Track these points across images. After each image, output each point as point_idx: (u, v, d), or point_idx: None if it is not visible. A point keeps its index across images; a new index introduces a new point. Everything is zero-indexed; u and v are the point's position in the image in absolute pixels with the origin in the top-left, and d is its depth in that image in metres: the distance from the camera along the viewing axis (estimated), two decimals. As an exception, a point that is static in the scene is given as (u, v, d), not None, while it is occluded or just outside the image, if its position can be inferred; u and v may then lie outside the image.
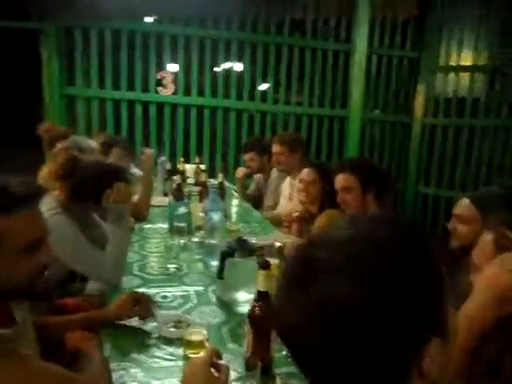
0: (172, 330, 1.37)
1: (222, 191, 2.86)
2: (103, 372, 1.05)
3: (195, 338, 1.26)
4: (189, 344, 1.25)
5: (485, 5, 4.58)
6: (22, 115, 5.95)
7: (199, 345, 1.25)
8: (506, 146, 4.55)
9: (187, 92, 4.51)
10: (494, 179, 4.62)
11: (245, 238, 1.66)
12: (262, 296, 1.18)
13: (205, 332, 1.27)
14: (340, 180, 2.12)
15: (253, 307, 1.18)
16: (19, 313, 1.05)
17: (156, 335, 1.35)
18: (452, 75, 4.86)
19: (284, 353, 1.29)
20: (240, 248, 1.59)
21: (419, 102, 5.00)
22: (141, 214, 2.55)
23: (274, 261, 1.85)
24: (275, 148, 3.10)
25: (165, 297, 1.63)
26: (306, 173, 2.45)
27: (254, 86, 4.64)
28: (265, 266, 1.17)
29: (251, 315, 1.18)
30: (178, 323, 1.40)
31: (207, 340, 1.26)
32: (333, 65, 4.71)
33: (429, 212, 5.03)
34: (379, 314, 0.50)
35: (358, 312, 0.50)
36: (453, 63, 4.86)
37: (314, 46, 4.64)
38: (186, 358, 1.24)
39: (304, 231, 2.35)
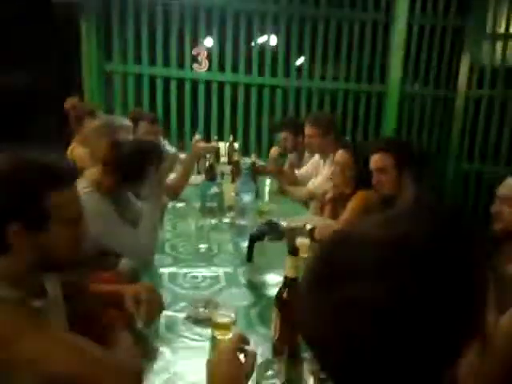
0: (201, 310, 1.38)
1: (254, 171, 2.82)
2: (131, 353, 1.08)
3: (223, 320, 1.26)
4: (216, 326, 1.27)
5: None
6: (61, 90, 6.11)
7: (227, 327, 1.26)
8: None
9: (221, 68, 4.46)
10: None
11: (275, 220, 1.65)
12: (289, 282, 1.17)
13: (232, 315, 1.28)
14: (375, 160, 2.06)
15: (280, 292, 1.18)
16: (50, 286, 1.09)
17: (185, 315, 1.37)
18: (500, 43, 4.55)
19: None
20: (270, 231, 1.58)
21: (463, 73, 4.73)
22: (174, 194, 2.57)
23: (304, 241, 1.85)
24: (307, 130, 3.02)
25: (195, 277, 1.65)
26: (340, 155, 2.37)
27: (288, 61, 4.53)
28: (293, 251, 1.15)
29: (278, 300, 1.17)
30: (206, 304, 1.42)
31: (235, 322, 1.27)
32: (372, 37, 4.51)
33: (471, 190, 4.82)
34: (408, 325, 0.46)
35: (383, 323, 0.46)
36: (501, 30, 4.54)
37: (352, 17, 4.44)
38: (213, 339, 1.26)
39: (337, 213, 2.30)
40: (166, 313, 1.33)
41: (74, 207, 1.04)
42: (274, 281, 1.59)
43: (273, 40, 4.56)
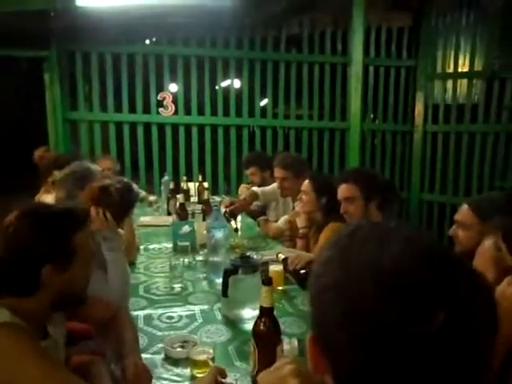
0: (178, 350, 1.37)
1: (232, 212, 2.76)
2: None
3: (201, 357, 1.26)
4: (195, 363, 1.26)
5: (480, 11, 4.63)
6: (27, 141, 6.05)
7: (205, 364, 1.24)
8: (508, 150, 4.54)
9: (187, 111, 4.56)
10: (496, 183, 4.61)
11: (248, 254, 1.67)
12: (265, 312, 1.18)
13: (210, 351, 1.27)
14: (342, 190, 2.13)
15: (257, 323, 1.19)
16: (51, 328, 1.14)
17: (162, 356, 1.35)
18: (450, 82, 4.89)
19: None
20: (243, 265, 1.59)
21: (419, 109, 5.02)
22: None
23: (277, 269, 1.87)
24: (278, 173, 2.94)
25: (170, 317, 1.63)
26: (305, 185, 2.47)
27: (252, 102, 4.69)
28: (267, 281, 1.17)
29: (255, 332, 1.18)
30: (184, 343, 1.40)
31: (213, 359, 1.26)
32: (331, 78, 4.75)
33: (434, 220, 5.00)
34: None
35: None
36: (450, 70, 4.88)
37: (312, 60, 4.68)
38: (192, 378, 1.24)
39: (309, 246, 2.35)
40: (143, 356, 1.31)
41: (90, 245, 1.16)
42: (250, 315, 1.59)
43: (236, 83, 4.73)
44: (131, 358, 1.14)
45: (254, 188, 3.19)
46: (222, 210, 2.66)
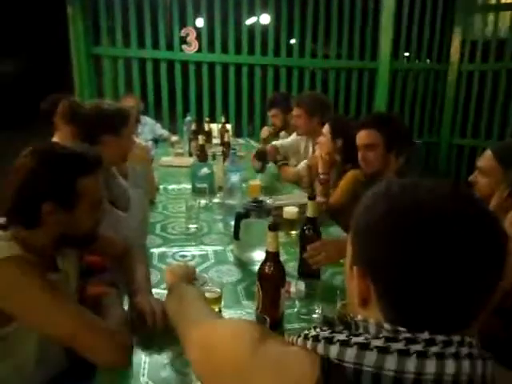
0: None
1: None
2: (123, 324, 1.13)
3: (209, 295, 1.31)
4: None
5: None
6: (51, 75, 6.06)
7: (214, 301, 1.30)
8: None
9: (211, 48, 4.43)
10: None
11: (261, 198, 1.68)
12: (270, 256, 1.21)
13: (218, 290, 1.32)
14: (363, 136, 2.05)
15: (262, 267, 1.22)
16: (64, 262, 1.20)
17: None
18: (491, 15, 4.51)
19: (296, 310, 1.33)
20: (255, 209, 1.61)
21: (455, 46, 4.70)
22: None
23: (292, 210, 1.87)
24: (294, 110, 2.98)
25: (184, 256, 1.69)
26: (325, 127, 2.46)
27: (278, 40, 4.50)
28: (274, 227, 1.18)
29: (260, 274, 1.21)
30: (194, 280, 1.46)
31: (220, 297, 1.31)
32: (362, 13, 4.47)
33: (463, 165, 4.85)
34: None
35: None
36: (492, 1, 4.49)
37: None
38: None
39: (328, 193, 2.34)
40: (155, 290, 1.37)
41: (97, 191, 1.18)
42: (260, 257, 1.62)
43: (264, 19, 4.52)
44: (139, 297, 1.20)
45: (274, 142, 3.16)
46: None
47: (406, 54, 4.79)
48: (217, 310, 1.30)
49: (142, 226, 1.75)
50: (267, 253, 1.21)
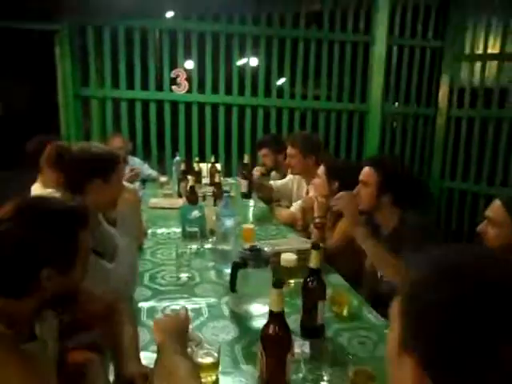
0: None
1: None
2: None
3: (206, 360, 1.16)
4: (200, 367, 1.16)
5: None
6: (37, 117, 5.98)
7: (210, 368, 1.15)
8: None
9: (201, 90, 4.42)
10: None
11: (258, 246, 1.56)
12: (275, 316, 1.07)
13: (215, 354, 1.17)
14: (363, 173, 2.02)
15: (265, 329, 1.08)
16: (39, 328, 1.04)
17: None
18: (478, 64, 4.63)
19: (301, 375, 1.19)
20: (253, 258, 1.48)
21: (443, 92, 4.79)
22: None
23: (290, 257, 1.75)
24: (288, 150, 2.95)
25: (175, 311, 1.54)
26: (320, 168, 2.42)
27: (269, 81, 4.52)
28: (278, 284, 1.06)
29: (264, 337, 1.08)
30: (186, 340, 1.31)
31: (218, 362, 1.16)
32: (352, 57, 4.54)
33: (454, 207, 4.83)
34: None
35: None
36: (479, 51, 4.62)
37: (332, 38, 4.48)
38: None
39: (325, 238, 2.24)
40: (143, 354, 1.22)
41: (89, 242, 1.08)
42: (258, 311, 1.49)
43: (253, 61, 4.56)
44: (127, 367, 1.05)
45: (271, 182, 3.19)
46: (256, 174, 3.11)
47: (396, 102, 4.86)
48: (214, 377, 1.16)
49: (131, 276, 1.60)
50: (271, 313, 1.08)
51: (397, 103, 4.87)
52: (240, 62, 4.52)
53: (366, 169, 1.98)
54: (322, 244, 2.17)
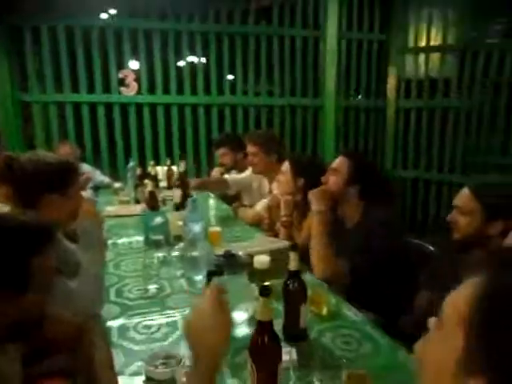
0: (161, 369, 1.19)
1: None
2: None
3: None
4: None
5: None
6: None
7: (194, 387, 1.07)
8: (480, 125, 4.51)
9: (151, 90, 4.27)
10: (469, 158, 4.60)
11: (232, 251, 1.49)
12: (263, 326, 1.01)
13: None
14: (335, 161, 2.03)
15: (254, 340, 1.02)
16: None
17: (143, 378, 1.17)
18: (422, 56, 4.79)
19: (291, 383, 1.14)
20: (229, 264, 1.42)
21: (391, 84, 4.92)
22: None
23: (263, 258, 1.69)
24: (249, 148, 2.90)
25: (148, 327, 1.44)
26: (284, 164, 2.38)
27: (221, 79, 4.44)
28: (265, 292, 1.00)
29: (253, 350, 1.01)
30: (167, 359, 1.22)
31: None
32: (302, 52, 4.56)
33: (408, 195, 4.98)
34: None
35: None
36: (422, 44, 4.78)
37: (282, 33, 4.47)
38: (180, 403, 1.07)
39: (292, 236, 2.21)
40: (120, 379, 1.12)
41: (52, 267, 0.97)
42: (239, 319, 1.42)
43: (203, 60, 4.47)
44: None
45: (225, 176, 3.05)
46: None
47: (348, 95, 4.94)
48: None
49: (97, 294, 1.48)
50: (259, 323, 1.02)
51: (360, 96, 4.94)
52: (190, 60, 4.40)
53: (340, 158, 2.00)
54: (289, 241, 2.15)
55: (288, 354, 1.21)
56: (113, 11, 4.18)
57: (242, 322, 1.42)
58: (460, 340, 0.44)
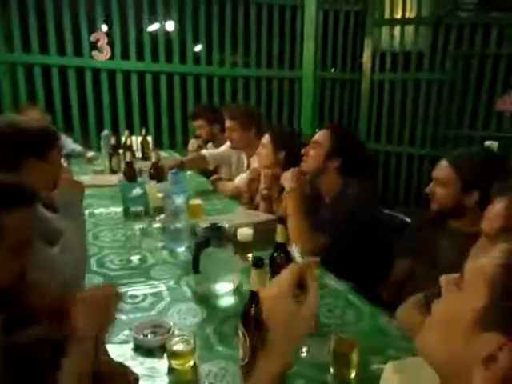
0: (150, 338, 1.20)
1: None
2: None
3: (181, 347, 1.10)
4: (174, 354, 1.10)
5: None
6: None
7: (187, 355, 1.10)
8: (452, 98, 4.61)
9: (124, 56, 4.11)
10: (441, 131, 4.71)
11: (219, 223, 1.50)
12: (256, 296, 1.04)
13: (191, 340, 1.12)
14: (318, 134, 2.02)
15: (247, 309, 1.04)
16: None
17: (132, 346, 1.18)
18: (397, 29, 4.80)
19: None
20: (216, 236, 1.43)
21: (366, 57, 4.93)
22: None
23: (246, 231, 1.71)
24: (227, 123, 2.86)
25: (134, 296, 1.44)
26: (264, 137, 2.38)
27: (210, 50, 4.34)
28: (259, 263, 1.02)
29: (246, 319, 1.04)
30: (155, 328, 1.24)
31: (195, 348, 1.11)
32: (279, 22, 4.49)
33: (380, 168, 5.09)
34: None
35: None
36: (398, 16, 4.79)
37: (260, 1, 4.37)
38: (172, 371, 1.09)
39: (272, 209, 2.23)
40: (109, 347, 1.13)
41: (26, 230, 0.92)
42: (224, 289, 1.45)
43: (169, 26, 4.33)
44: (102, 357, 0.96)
45: (203, 151, 3.02)
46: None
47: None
48: (191, 363, 1.10)
49: (80, 263, 1.46)
50: (253, 293, 1.04)
51: (333, 69, 4.94)
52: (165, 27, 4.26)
53: (323, 131, 1.99)
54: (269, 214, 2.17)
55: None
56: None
57: (225, 292, 1.45)
58: (481, 300, 0.48)
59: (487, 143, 4.12)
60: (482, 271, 0.50)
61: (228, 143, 3.06)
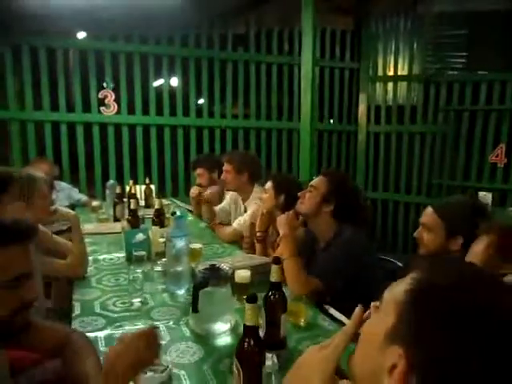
0: (149, 376, 1.24)
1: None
2: None
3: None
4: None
5: (416, 18, 4.85)
6: None
7: (183, 390, 1.14)
8: (444, 149, 4.79)
9: (130, 111, 4.34)
10: (434, 181, 4.84)
11: (217, 264, 1.57)
12: (250, 331, 1.10)
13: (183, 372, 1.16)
14: (315, 179, 2.11)
15: (241, 344, 1.10)
16: None
17: (131, 384, 1.22)
18: (390, 84, 5.07)
19: (274, 387, 1.22)
20: (214, 277, 1.50)
21: (362, 110, 5.17)
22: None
23: (244, 274, 1.77)
24: (224, 166, 3.08)
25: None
26: (267, 183, 2.52)
27: (212, 103, 4.60)
28: (252, 299, 1.09)
29: (240, 353, 1.10)
30: (153, 367, 1.28)
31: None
32: (277, 78, 4.76)
33: (378, 216, 5.17)
34: None
35: None
36: (390, 73, 5.07)
37: (259, 59, 4.66)
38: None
39: (267, 251, 2.31)
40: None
41: (14, 266, 0.95)
42: (221, 329, 1.50)
43: (173, 81, 4.59)
44: None
45: (215, 208, 3.22)
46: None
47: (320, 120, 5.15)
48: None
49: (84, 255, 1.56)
50: (246, 327, 1.10)
51: (332, 121, 5.16)
52: (170, 83, 4.52)
53: (320, 176, 2.08)
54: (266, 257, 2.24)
55: (270, 359, 1.29)
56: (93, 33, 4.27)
57: (222, 332, 1.50)
58: (390, 319, 0.57)
59: (481, 194, 4.23)
60: (394, 295, 0.59)
61: (227, 196, 3.22)
